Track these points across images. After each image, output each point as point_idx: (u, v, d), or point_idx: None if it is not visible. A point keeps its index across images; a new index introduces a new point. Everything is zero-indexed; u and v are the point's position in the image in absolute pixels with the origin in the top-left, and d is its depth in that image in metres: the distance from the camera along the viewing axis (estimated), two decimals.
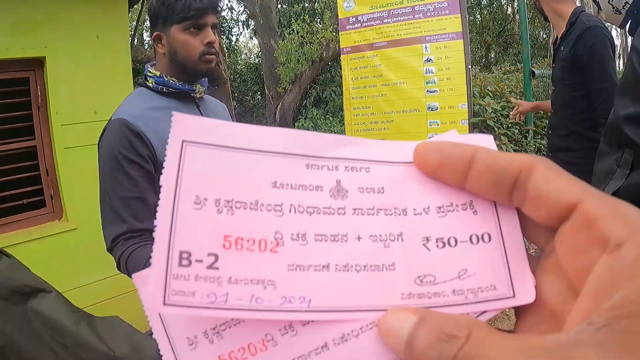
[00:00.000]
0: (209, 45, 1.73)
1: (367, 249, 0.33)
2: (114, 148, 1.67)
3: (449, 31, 4.50)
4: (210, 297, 0.31)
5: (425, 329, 0.28)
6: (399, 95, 4.73)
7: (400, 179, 0.35)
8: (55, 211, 3.75)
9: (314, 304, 0.31)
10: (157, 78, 1.79)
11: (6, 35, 3.43)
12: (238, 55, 14.54)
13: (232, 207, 0.33)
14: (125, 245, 1.66)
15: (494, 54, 15.05)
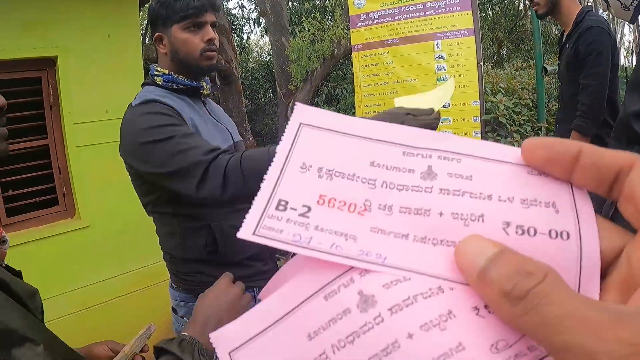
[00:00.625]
0: (209, 42, 1.75)
1: (447, 225, 0.35)
2: (153, 114, 1.63)
3: (460, 28, 4.48)
4: (295, 237, 0.35)
5: (504, 260, 0.29)
6: (410, 92, 4.66)
7: (489, 171, 0.37)
8: (68, 209, 3.77)
9: (389, 261, 0.34)
10: (165, 76, 1.80)
11: (18, 36, 3.45)
12: (249, 53, 14.55)
13: (332, 175, 0.38)
14: (225, 157, 1.50)
15: (506, 51, 14.97)
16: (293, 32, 9.99)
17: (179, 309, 1.92)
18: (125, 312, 3.96)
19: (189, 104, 1.81)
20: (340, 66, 10.72)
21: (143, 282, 3.96)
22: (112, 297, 3.89)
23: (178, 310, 1.94)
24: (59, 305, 3.66)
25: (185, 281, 1.86)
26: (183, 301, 1.88)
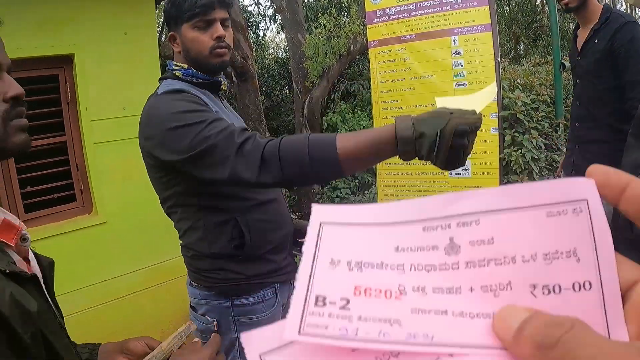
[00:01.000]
0: (219, 39, 1.74)
1: (479, 299, 0.37)
2: (178, 101, 1.64)
3: (477, 23, 4.43)
4: (342, 330, 0.36)
5: (535, 320, 0.31)
6: (427, 88, 4.67)
7: (508, 227, 0.38)
8: (85, 205, 3.80)
9: (436, 339, 0.35)
10: (184, 70, 1.81)
11: (35, 34, 3.48)
12: (265, 50, 14.56)
13: (362, 267, 0.39)
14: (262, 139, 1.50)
15: (523, 47, 14.84)
16: (309, 28, 9.97)
17: (199, 307, 1.91)
18: (142, 307, 3.99)
19: (211, 98, 1.81)
20: (356, 62, 10.68)
21: (160, 278, 3.98)
22: (129, 293, 3.92)
23: (198, 308, 1.92)
24: (77, 300, 3.70)
25: (207, 278, 1.85)
26: (204, 299, 1.87)
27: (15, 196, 3.53)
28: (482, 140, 4.47)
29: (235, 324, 1.83)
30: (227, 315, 1.83)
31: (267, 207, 1.82)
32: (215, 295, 1.84)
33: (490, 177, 4.46)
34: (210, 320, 1.85)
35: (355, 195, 8.73)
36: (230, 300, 1.82)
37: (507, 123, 4.49)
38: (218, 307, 1.84)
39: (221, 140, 1.50)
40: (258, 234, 1.78)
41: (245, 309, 1.82)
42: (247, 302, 1.81)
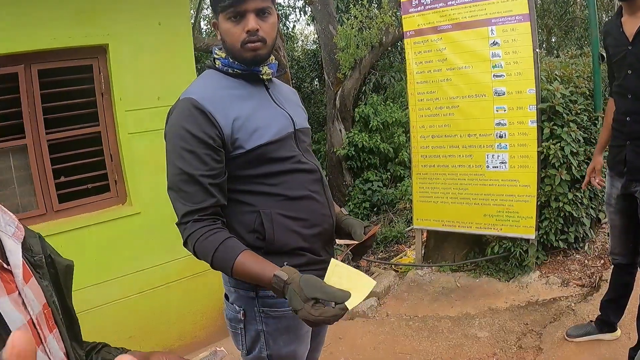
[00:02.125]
0: (250, 33, 1.69)
1: None
2: (180, 126, 1.66)
3: (515, 13, 4.34)
4: None
5: None
6: (464, 79, 4.59)
7: None
8: (119, 195, 3.81)
9: None
10: (223, 60, 1.78)
11: (69, 24, 3.48)
12: (295, 42, 14.54)
13: None
14: (194, 228, 1.65)
15: (555, 39, 14.60)
16: (340, 19, 9.91)
17: (230, 295, 1.91)
18: (175, 298, 3.99)
19: (246, 89, 1.78)
20: (387, 54, 10.61)
21: (193, 269, 3.97)
22: (163, 283, 3.92)
23: (229, 296, 1.92)
24: (111, 290, 3.71)
25: None
26: (233, 287, 1.86)
27: (50, 186, 3.55)
28: (519, 133, 4.38)
29: (260, 315, 1.82)
30: (253, 306, 1.83)
31: (297, 203, 1.78)
32: (242, 284, 1.82)
33: (528, 171, 4.37)
34: (238, 309, 1.85)
35: (387, 187, 8.68)
36: (255, 290, 1.80)
37: (546, 115, 4.37)
38: (245, 297, 1.83)
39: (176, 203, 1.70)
40: (283, 228, 1.75)
41: (269, 301, 1.80)
42: (271, 294, 1.74)
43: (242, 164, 1.65)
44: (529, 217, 4.42)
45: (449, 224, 4.89)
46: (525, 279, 4.49)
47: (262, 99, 1.81)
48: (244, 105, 1.73)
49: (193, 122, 1.64)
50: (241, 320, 1.84)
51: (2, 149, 3.44)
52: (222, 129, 1.65)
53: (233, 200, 1.74)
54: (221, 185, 1.68)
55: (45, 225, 3.52)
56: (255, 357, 1.88)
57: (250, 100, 1.76)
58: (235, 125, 1.67)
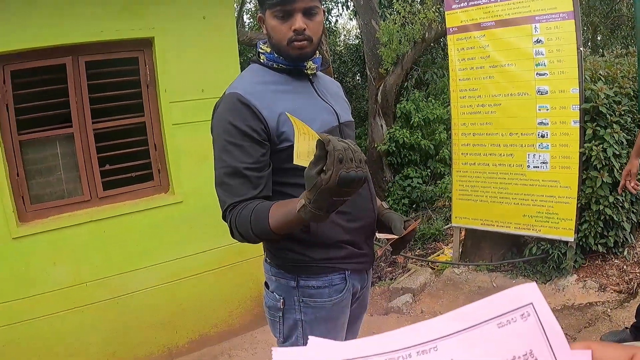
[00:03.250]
0: (296, 32, 1.71)
1: None
2: (225, 120, 1.69)
3: (559, 10, 4.26)
4: None
5: None
6: (507, 77, 4.54)
7: (464, 346, 0.44)
8: (162, 185, 3.90)
9: None
10: (267, 55, 1.81)
11: (116, 18, 3.57)
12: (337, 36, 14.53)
13: None
14: (232, 214, 1.67)
15: (601, 37, 14.25)
16: (383, 15, 9.87)
17: (270, 283, 1.94)
18: (212, 286, 4.07)
19: (290, 84, 1.81)
20: (430, 50, 10.52)
21: (232, 258, 4.04)
22: (202, 271, 4.00)
23: (269, 284, 1.95)
24: (151, 275, 3.81)
25: (276, 257, 1.88)
26: (274, 276, 1.89)
27: (95, 174, 3.66)
28: (562, 133, 4.32)
29: (299, 304, 1.84)
30: (293, 295, 1.85)
31: None
32: (283, 273, 1.85)
33: (570, 172, 4.31)
34: (278, 297, 1.87)
35: (427, 184, 8.63)
36: (296, 280, 1.83)
37: (589, 116, 4.30)
38: (285, 286, 1.86)
39: (220, 195, 1.73)
40: (327, 222, 1.72)
41: (309, 291, 1.83)
42: (312, 285, 1.81)
43: (288, 157, 1.63)
44: (568, 219, 4.36)
45: (488, 223, 4.86)
46: (562, 282, 4.44)
47: (307, 93, 1.84)
48: (289, 99, 1.75)
49: (238, 116, 1.67)
50: (280, 308, 1.86)
51: (49, 137, 3.56)
52: (268, 123, 1.68)
53: (278, 193, 1.76)
54: (266, 177, 1.70)
55: (89, 212, 3.64)
56: (291, 345, 1.88)
57: (295, 94, 1.79)
58: (281, 120, 1.69)
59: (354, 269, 1.90)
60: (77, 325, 3.62)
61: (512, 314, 0.43)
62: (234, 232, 1.70)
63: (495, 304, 0.44)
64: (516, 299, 0.44)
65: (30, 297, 3.46)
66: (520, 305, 0.44)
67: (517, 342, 0.42)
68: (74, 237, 3.58)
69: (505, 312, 0.43)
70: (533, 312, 0.43)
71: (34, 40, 3.35)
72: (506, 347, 0.42)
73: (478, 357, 0.43)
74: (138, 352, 3.86)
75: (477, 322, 0.44)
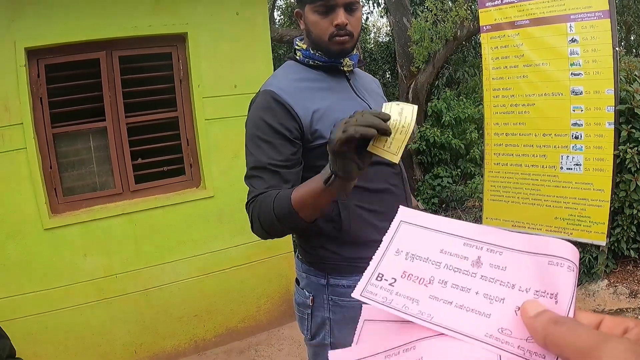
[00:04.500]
0: (338, 27, 1.69)
1: (478, 300, 0.55)
2: (259, 117, 1.68)
3: (595, 9, 4.17)
4: (384, 299, 0.59)
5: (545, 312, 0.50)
6: (541, 77, 4.46)
7: (519, 263, 0.56)
8: (194, 179, 3.93)
9: (435, 320, 0.54)
10: (304, 51, 1.80)
11: (149, 13, 3.61)
12: (367, 34, 14.50)
13: (413, 258, 0.61)
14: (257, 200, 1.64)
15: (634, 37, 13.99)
16: (414, 12, 9.80)
17: (301, 280, 1.94)
18: (242, 281, 4.09)
19: (326, 82, 1.80)
20: (461, 49, 10.43)
21: (261, 254, 4.06)
22: (232, 266, 4.03)
23: (300, 281, 1.95)
24: (181, 269, 3.85)
25: (307, 254, 1.87)
26: (305, 273, 1.89)
27: (127, 167, 3.70)
28: (596, 134, 4.25)
29: (328, 303, 1.84)
30: (322, 293, 1.84)
31: (375, 196, 1.79)
32: (314, 271, 1.85)
33: (603, 175, 4.23)
34: (307, 294, 1.87)
35: (457, 184, 8.57)
36: (326, 278, 1.82)
37: (624, 118, 4.22)
38: (315, 283, 1.85)
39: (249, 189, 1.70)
40: (359, 220, 1.76)
41: (339, 290, 1.82)
42: (342, 284, 1.80)
43: (322, 154, 1.60)
44: (601, 222, 4.28)
45: (519, 224, 4.80)
46: (593, 287, 4.37)
47: (344, 90, 1.82)
48: (324, 97, 1.74)
49: (271, 114, 1.66)
50: (309, 306, 1.86)
51: (83, 131, 3.61)
52: (302, 121, 1.67)
53: None
54: (295, 174, 1.69)
55: (121, 204, 3.68)
56: (318, 343, 1.89)
57: (330, 92, 1.77)
58: (315, 117, 1.68)
59: None
60: (106, 316, 3.67)
61: (563, 261, 0.54)
62: (254, 222, 1.66)
63: (556, 246, 0.55)
64: (571, 253, 0.54)
65: (60, 287, 3.52)
66: (571, 259, 0.54)
67: (553, 282, 0.53)
68: (105, 229, 3.62)
69: (559, 256, 0.54)
70: (576, 269, 0.53)
71: (68, 35, 3.39)
72: (545, 280, 0.53)
73: (523, 275, 0.55)
74: (165, 345, 3.90)
75: (536, 252, 0.56)
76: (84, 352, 3.63)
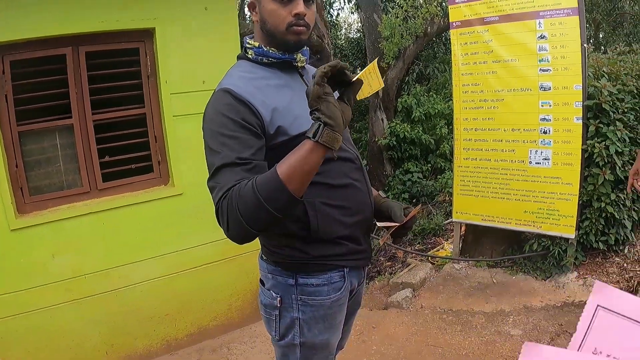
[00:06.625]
0: (297, 16, 1.65)
1: None
2: (220, 114, 1.61)
3: (563, 6, 4.23)
4: None
5: None
6: (510, 73, 4.52)
7: None
8: (162, 176, 3.88)
9: None
10: (256, 49, 1.75)
11: (117, 8, 3.54)
12: (338, 30, 14.49)
13: None
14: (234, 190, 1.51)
15: (603, 34, 14.23)
16: (385, 8, 9.84)
17: (266, 281, 1.89)
18: (213, 279, 4.07)
19: (281, 79, 1.75)
20: (431, 45, 10.50)
21: (232, 251, 4.03)
22: (202, 264, 4.00)
23: (265, 282, 1.91)
24: (151, 268, 3.80)
25: (274, 253, 1.83)
26: (271, 273, 1.85)
27: (94, 165, 3.64)
28: (564, 129, 4.31)
29: (297, 303, 1.80)
30: (291, 293, 1.80)
31: (339, 192, 1.75)
32: (280, 271, 1.81)
33: (571, 169, 4.30)
34: (275, 295, 1.83)
35: (427, 179, 8.63)
36: (295, 278, 1.79)
37: (592, 113, 4.28)
38: (283, 284, 1.81)
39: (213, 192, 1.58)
40: (326, 217, 1.73)
41: (308, 289, 1.79)
42: (311, 283, 1.77)
43: (284, 153, 1.57)
44: (569, 216, 4.35)
45: (489, 218, 4.85)
46: (563, 279, 4.43)
47: (298, 87, 1.78)
48: (281, 94, 1.70)
49: (233, 110, 1.60)
50: (277, 307, 1.82)
51: (49, 128, 3.54)
52: (263, 118, 1.61)
53: None
54: (264, 169, 1.59)
55: (89, 203, 3.62)
56: (287, 344, 1.87)
57: (286, 89, 1.73)
58: (275, 115, 1.64)
59: (353, 265, 1.86)
60: (77, 318, 3.61)
61: None
62: (231, 216, 1.51)
63: None
64: None
65: (29, 290, 3.44)
66: None
67: None
68: (73, 229, 3.56)
69: None
70: None
71: (34, 30, 3.32)
72: None
73: None
74: (137, 345, 3.85)
75: None
76: (54, 355, 3.56)
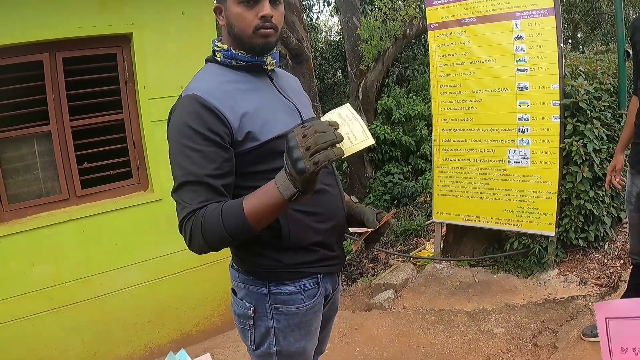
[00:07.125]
0: (264, 19, 1.62)
1: None
2: (185, 124, 1.55)
3: (540, 7, 4.28)
4: None
5: None
6: (487, 73, 4.56)
7: None
8: (141, 182, 3.86)
9: None
10: (224, 52, 1.70)
11: (94, 13, 3.52)
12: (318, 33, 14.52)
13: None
14: (198, 215, 1.52)
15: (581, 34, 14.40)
16: (364, 11, 9.88)
17: (238, 291, 1.85)
18: (194, 284, 4.05)
19: (250, 82, 1.71)
20: (411, 47, 10.55)
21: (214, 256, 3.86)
22: (183, 269, 3.98)
23: (237, 291, 1.86)
24: (132, 274, 3.78)
25: (245, 263, 1.79)
26: (243, 283, 1.81)
27: (73, 172, 3.61)
28: (542, 128, 4.35)
29: (271, 311, 1.77)
30: (264, 302, 1.77)
31: (311, 198, 1.58)
32: (253, 280, 1.78)
33: (550, 167, 4.34)
34: (248, 305, 1.79)
35: (408, 180, 8.66)
36: (267, 286, 1.75)
37: (569, 111, 4.32)
38: (255, 293, 1.78)
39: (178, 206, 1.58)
40: (298, 224, 1.70)
41: (282, 298, 1.76)
42: (285, 291, 1.75)
43: (253, 159, 1.58)
44: (549, 213, 4.39)
45: (469, 218, 4.88)
46: (544, 277, 4.46)
47: (268, 90, 1.75)
48: (251, 98, 1.66)
49: (199, 119, 1.55)
50: (251, 316, 1.79)
51: (26, 135, 3.51)
52: (231, 125, 1.57)
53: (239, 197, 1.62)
54: (230, 186, 1.60)
55: (68, 210, 3.59)
56: (263, 353, 1.84)
57: (256, 93, 1.70)
58: (244, 120, 1.59)
59: (326, 272, 1.84)
60: (58, 326, 3.57)
61: None
62: (194, 237, 1.54)
63: None
64: None
65: (9, 299, 3.40)
66: None
67: None
68: (52, 236, 3.52)
69: None
70: None
71: (10, 37, 3.28)
72: None
73: None
74: (120, 352, 3.82)
75: None
76: None
